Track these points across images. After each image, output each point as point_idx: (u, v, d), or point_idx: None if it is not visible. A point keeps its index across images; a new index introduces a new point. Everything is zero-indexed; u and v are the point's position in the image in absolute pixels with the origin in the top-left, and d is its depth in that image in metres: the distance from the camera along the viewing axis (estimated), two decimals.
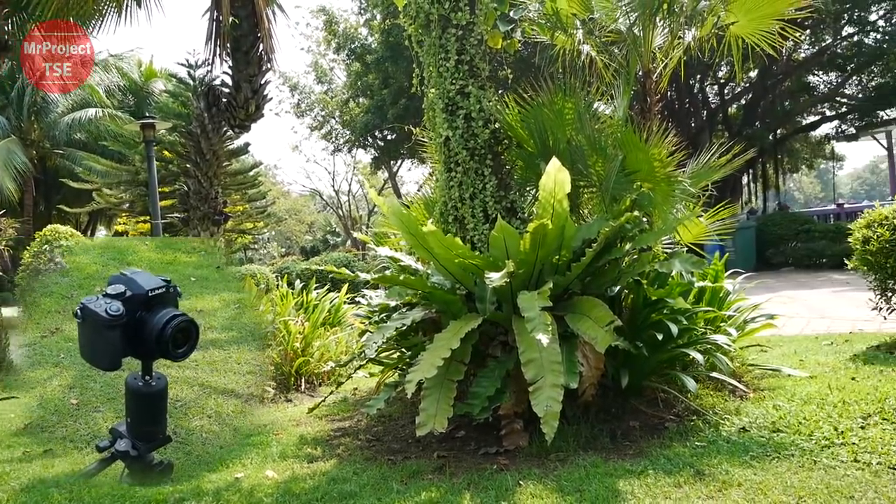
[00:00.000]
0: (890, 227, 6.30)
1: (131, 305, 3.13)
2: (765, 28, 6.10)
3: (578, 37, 5.98)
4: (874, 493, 3.30)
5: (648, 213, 5.12)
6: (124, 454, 3.38)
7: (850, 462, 3.71)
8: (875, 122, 24.12)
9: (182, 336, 3.22)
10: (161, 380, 3.41)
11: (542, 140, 5.28)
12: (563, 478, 3.71)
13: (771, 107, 23.93)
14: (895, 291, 6.55)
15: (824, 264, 16.75)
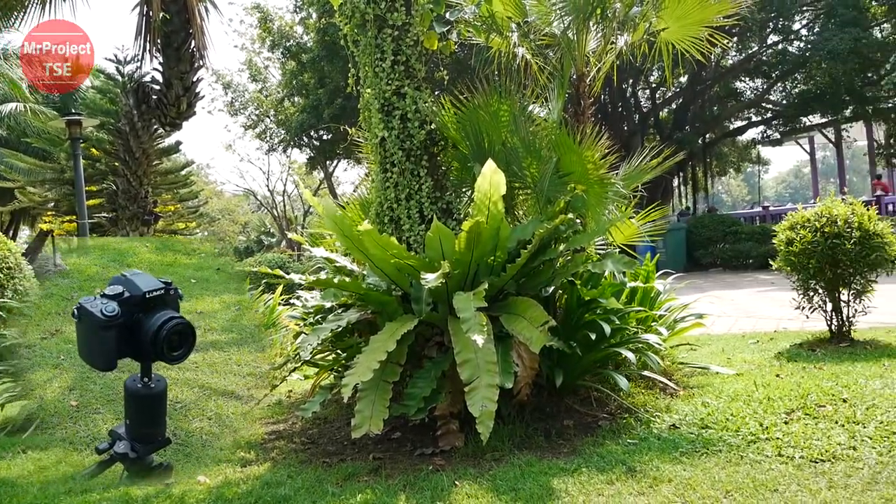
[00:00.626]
0: (812, 230, 6.53)
1: (128, 307, 3.12)
2: (694, 35, 6.26)
3: (514, 39, 6.03)
4: (797, 485, 3.41)
5: (582, 215, 5.19)
6: (123, 456, 3.36)
7: (775, 456, 3.83)
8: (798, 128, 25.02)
9: (178, 339, 3.20)
10: (160, 382, 3.38)
11: (478, 142, 5.30)
12: (499, 477, 3.73)
13: (700, 111, 24.56)
14: (817, 291, 6.79)
15: (750, 265, 17.26)
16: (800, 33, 22.49)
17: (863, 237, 6.35)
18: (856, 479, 3.44)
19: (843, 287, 6.66)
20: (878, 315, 7.49)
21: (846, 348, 6.46)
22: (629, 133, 22.61)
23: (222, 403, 5.20)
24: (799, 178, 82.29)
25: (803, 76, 21.94)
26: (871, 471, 3.53)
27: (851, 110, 21.16)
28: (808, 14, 22.52)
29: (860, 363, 5.74)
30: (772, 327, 8.58)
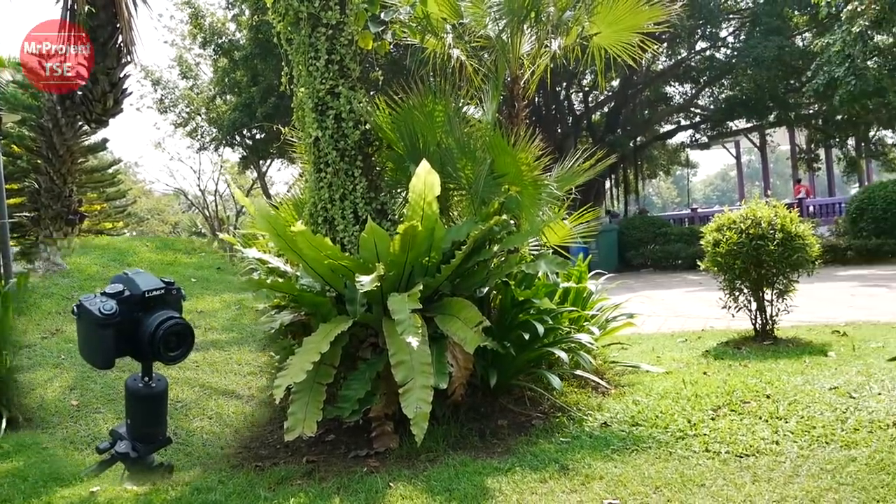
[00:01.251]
0: (737, 231, 6.72)
1: (128, 305, 3.10)
2: (625, 40, 6.37)
3: (449, 41, 6.04)
4: (723, 480, 3.51)
5: (516, 216, 5.24)
6: (124, 456, 3.35)
7: (702, 452, 3.93)
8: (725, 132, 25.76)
9: (176, 339, 3.17)
10: (161, 381, 3.36)
11: (413, 142, 5.30)
12: (433, 478, 3.74)
13: (632, 115, 25.06)
14: (742, 291, 6.99)
15: (680, 265, 17.68)
16: (727, 41, 23.16)
17: (785, 238, 6.56)
18: (778, 473, 3.55)
19: (766, 287, 6.88)
20: (800, 314, 7.76)
21: (770, 346, 6.67)
22: (563, 135, 22.91)
23: (223, 403, 5.15)
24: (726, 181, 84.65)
25: (730, 82, 22.61)
26: (793, 464, 3.66)
27: (775, 116, 21.90)
28: (734, 22, 23.22)
29: (783, 360, 5.93)
30: (700, 326, 8.81)
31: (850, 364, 5.54)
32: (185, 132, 32.60)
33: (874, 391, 4.72)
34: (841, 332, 7.18)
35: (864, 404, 4.46)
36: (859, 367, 5.38)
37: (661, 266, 18.46)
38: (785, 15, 20.08)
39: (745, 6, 22.57)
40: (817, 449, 3.83)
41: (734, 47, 22.19)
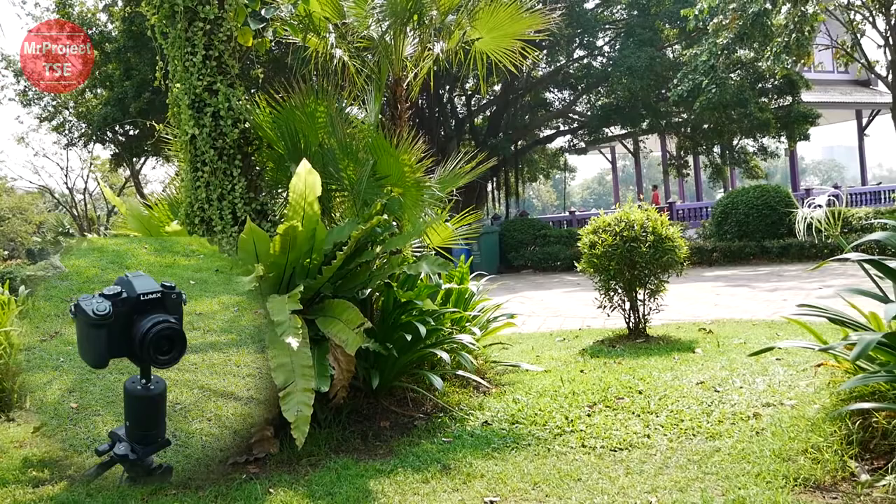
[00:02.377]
0: (612, 234, 6.97)
1: (123, 307, 3.10)
2: (506, 46, 6.50)
3: (331, 41, 5.98)
4: (598, 474, 3.63)
5: (399, 218, 5.24)
6: (123, 458, 3.34)
7: (579, 447, 4.05)
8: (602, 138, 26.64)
9: (167, 343, 3.14)
10: (160, 383, 3.32)
11: (294, 142, 5.22)
12: (314, 482, 3.69)
13: (513, 119, 25.54)
14: (616, 291, 7.26)
15: (559, 266, 18.16)
16: (603, 50, 23.98)
17: (656, 241, 6.86)
18: (649, 465, 3.71)
19: (639, 287, 7.16)
20: (670, 312, 8.13)
21: (642, 344, 6.95)
22: (445, 138, 23.12)
23: (222, 405, 5.00)
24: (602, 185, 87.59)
25: (606, 90, 23.39)
26: (663, 456, 3.82)
27: (648, 123, 22.84)
28: (610, 32, 24.07)
29: (654, 357, 6.20)
30: (577, 325, 9.08)
31: (715, 360, 5.85)
32: (51, 127, 30.82)
33: (736, 385, 5.00)
34: (707, 329, 7.57)
35: (728, 397, 4.72)
36: (723, 363, 5.69)
37: (541, 267, 18.91)
38: (656, 27, 20.99)
39: (620, 17, 23.43)
40: (685, 441, 4.02)
41: (610, 56, 23.00)
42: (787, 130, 20.73)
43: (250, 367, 5.51)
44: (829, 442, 3.63)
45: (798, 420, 4.04)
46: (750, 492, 3.24)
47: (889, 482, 3.21)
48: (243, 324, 6.79)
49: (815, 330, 4.51)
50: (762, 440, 3.88)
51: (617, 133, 26.47)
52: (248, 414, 4.53)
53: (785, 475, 3.39)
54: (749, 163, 23.19)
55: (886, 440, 3.51)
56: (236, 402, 4.88)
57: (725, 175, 25.66)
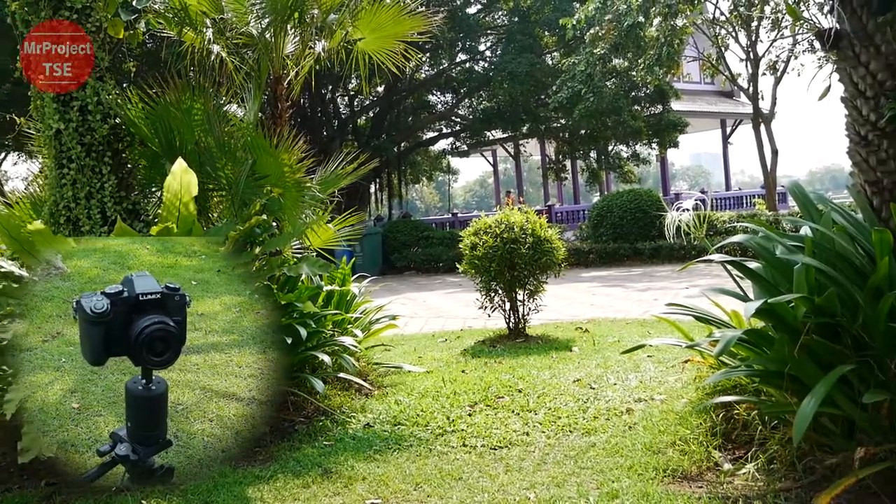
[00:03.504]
0: (493, 235, 7.09)
1: (122, 306, 3.09)
2: (389, 47, 6.50)
3: (209, 36, 5.80)
4: (479, 472, 3.68)
5: (279, 218, 5.15)
6: (124, 458, 3.31)
7: (460, 447, 4.09)
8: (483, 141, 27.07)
9: (161, 344, 3.11)
10: (161, 384, 3.31)
11: (168, 140, 5.03)
12: (190, 491, 3.58)
13: (396, 121, 25.57)
14: (497, 292, 7.39)
15: (441, 268, 18.29)
16: (485, 54, 24.38)
17: (535, 243, 7.03)
18: (528, 462, 3.79)
19: (519, 288, 7.31)
20: (548, 312, 8.34)
21: (522, 343, 7.10)
22: (328, 138, 22.88)
23: (223, 405, 4.76)
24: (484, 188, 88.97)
25: (487, 94, 23.79)
26: (542, 453, 3.92)
27: (528, 128, 23.39)
28: (491, 37, 24.50)
29: (533, 356, 6.34)
30: (459, 326, 9.17)
31: (591, 358, 6.04)
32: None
33: (611, 381, 5.19)
34: (583, 328, 7.81)
35: (603, 394, 4.88)
36: (598, 361, 5.88)
37: (423, 269, 19.01)
38: (536, 34, 21.52)
39: (501, 23, 23.89)
40: (562, 437, 4.14)
41: (491, 61, 23.41)
42: (658, 137, 21.71)
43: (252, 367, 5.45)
44: (696, 434, 3.81)
45: (667, 414, 4.23)
46: (623, 484, 3.36)
47: (749, 470, 3.41)
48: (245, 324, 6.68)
49: (682, 328, 4.73)
50: (634, 434, 4.04)
51: (498, 136, 26.96)
52: (249, 415, 4.47)
53: (655, 467, 3.54)
54: (623, 168, 24.14)
55: (747, 431, 3.73)
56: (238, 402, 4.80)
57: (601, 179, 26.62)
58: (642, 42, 16.28)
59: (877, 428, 3.12)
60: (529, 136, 25.04)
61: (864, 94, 3.93)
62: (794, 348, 3.13)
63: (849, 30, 4.01)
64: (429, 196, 74.04)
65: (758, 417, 3.68)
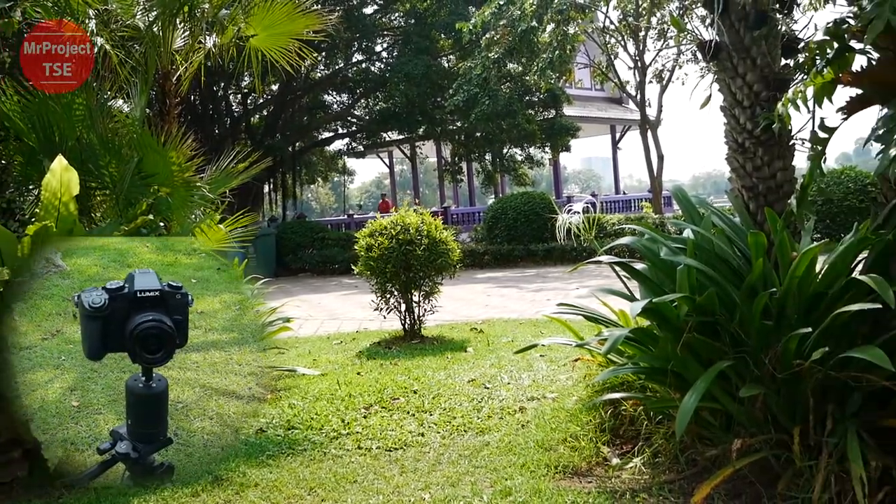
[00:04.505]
0: (388, 237, 7.08)
1: (120, 302, 3.08)
2: (283, 45, 6.38)
3: (91, 27, 5.55)
4: (374, 475, 3.66)
5: (167, 218, 4.98)
6: (125, 456, 3.30)
7: (355, 449, 4.07)
8: (380, 142, 27.02)
9: (155, 341, 3.09)
10: (161, 381, 3.31)
11: (47, 135, 4.79)
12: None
13: (291, 120, 25.18)
14: (393, 293, 7.38)
15: (336, 269, 18.12)
16: (381, 55, 24.33)
17: (431, 244, 7.06)
18: (423, 463, 3.80)
19: (414, 289, 7.33)
20: (444, 314, 8.40)
21: (417, 344, 7.12)
22: (220, 137, 22.30)
23: (223, 403, 4.73)
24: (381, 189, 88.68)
25: (384, 95, 23.74)
26: (437, 453, 3.94)
27: (424, 129, 23.49)
28: (388, 38, 24.46)
29: (429, 357, 6.37)
30: (354, 328, 9.11)
31: (486, 358, 6.12)
32: None
33: (504, 381, 5.27)
34: (478, 329, 7.90)
35: (496, 393, 4.95)
36: (493, 360, 5.96)
37: (318, 270, 18.78)
38: (433, 37, 21.64)
39: (398, 24, 23.90)
40: (457, 437, 4.17)
41: (388, 62, 23.37)
42: (551, 141, 22.20)
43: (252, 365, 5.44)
44: (586, 430, 3.92)
45: (559, 412, 4.33)
46: (516, 482, 3.42)
47: (636, 464, 3.53)
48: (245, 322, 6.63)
49: (573, 327, 4.86)
50: (527, 432, 4.12)
51: (395, 138, 26.95)
52: (250, 413, 4.48)
53: (547, 464, 3.62)
54: (518, 171, 24.55)
55: (634, 426, 3.86)
56: (238, 400, 4.83)
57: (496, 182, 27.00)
58: (536, 47, 16.63)
59: (752, 420, 3.29)
60: (426, 137, 25.16)
61: (742, 103, 4.14)
62: (677, 346, 3.27)
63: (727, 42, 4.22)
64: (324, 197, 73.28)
65: (644, 413, 3.81)
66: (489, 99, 17.79)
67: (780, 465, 3.15)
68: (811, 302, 3.21)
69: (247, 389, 5.50)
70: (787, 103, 3.28)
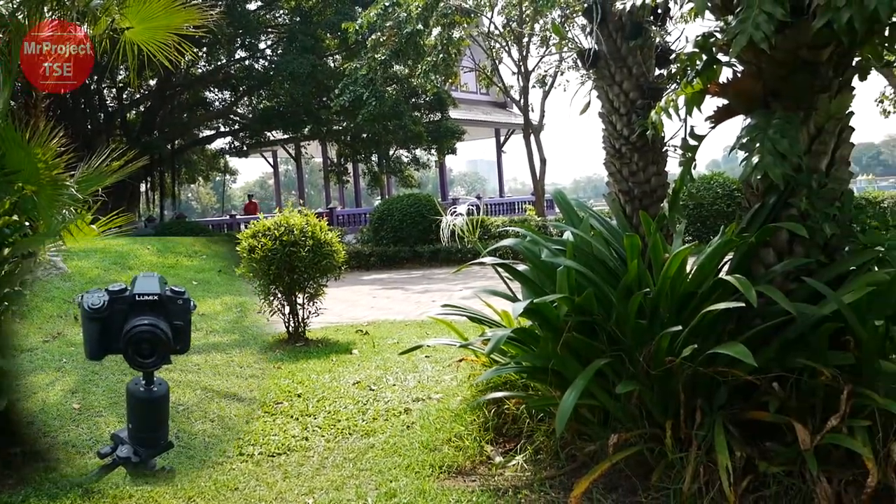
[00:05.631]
0: (272, 238, 6.95)
1: (120, 304, 3.04)
2: (161, 39, 6.13)
3: None
4: (256, 481, 3.59)
5: (33, 218, 4.70)
6: (126, 461, 3.18)
7: (236, 456, 3.97)
8: (263, 141, 26.45)
9: (147, 345, 3.02)
10: (162, 385, 3.19)
11: None
12: None
13: (170, 117, 24.34)
14: (276, 296, 7.24)
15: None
16: (265, 53, 23.84)
17: (315, 245, 6.97)
18: (307, 467, 3.75)
19: (299, 291, 7.22)
20: (329, 315, 8.31)
21: (302, 347, 7.01)
22: (93, 132, 21.27)
23: (224, 405, 4.91)
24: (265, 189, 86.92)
25: (268, 93, 23.28)
26: (321, 457, 3.89)
27: (309, 129, 23.18)
28: (272, 36, 24.01)
29: (313, 360, 6.29)
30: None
31: (371, 360, 6.10)
32: None
33: (390, 383, 5.26)
34: (364, 330, 7.86)
35: (382, 395, 4.94)
36: (378, 362, 5.95)
37: None
38: (318, 36, 21.38)
39: (283, 22, 23.48)
40: (342, 440, 4.14)
41: (272, 60, 22.92)
42: (438, 144, 22.37)
43: (253, 367, 5.59)
44: (470, 430, 3.97)
45: (443, 412, 4.36)
46: (400, 483, 3.42)
47: (518, 461, 3.60)
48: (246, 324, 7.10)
49: (457, 328, 4.91)
50: (412, 433, 4.13)
51: (279, 137, 26.49)
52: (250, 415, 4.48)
53: (431, 464, 3.64)
54: (404, 172, 24.61)
55: (516, 424, 3.94)
56: (239, 402, 4.91)
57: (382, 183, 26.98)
58: (421, 50, 16.71)
59: (628, 416, 3.42)
60: (311, 137, 24.85)
61: (619, 110, 4.29)
62: (557, 345, 3.36)
63: (606, 51, 4.37)
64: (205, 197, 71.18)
65: (526, 411, 3.90)
66: (375, 100, 17.74)
67: (654, 457, 3.29)
68: (682, 301, 3.37)
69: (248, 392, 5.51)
70: (659, 111, 3.43)
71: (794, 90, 3.33)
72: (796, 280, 3.37)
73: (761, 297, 3.12)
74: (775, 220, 3.42)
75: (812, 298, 3.23)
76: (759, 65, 3.33)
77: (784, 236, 3.41)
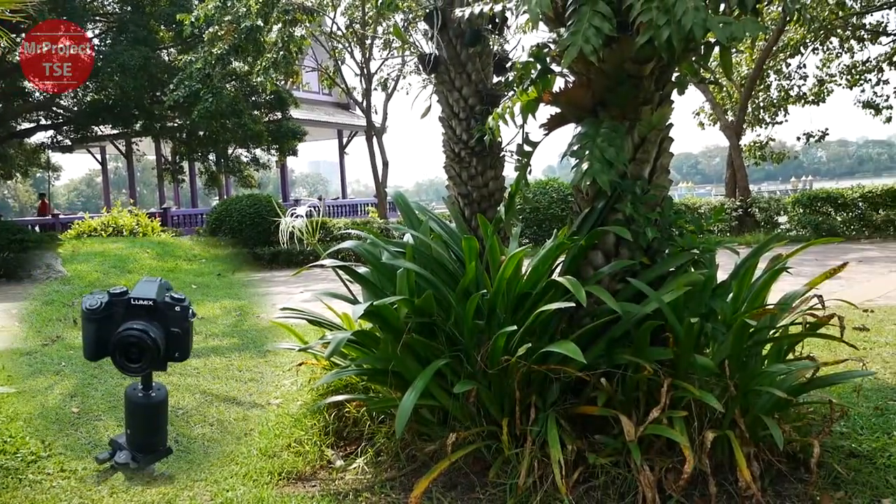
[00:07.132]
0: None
1: (117, 307, 3.02)
2: None
3: None
4: (79, 498, 3.38)
5: None
6: (124, 466, 3.13)
7: (57, 473, 3.72)
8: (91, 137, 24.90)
9: (135, 350, 2.98)
10: (161, 390, 3.19)
11: None
12: None
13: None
14: None
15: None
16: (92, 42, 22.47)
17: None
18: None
19: None
20: None
21: None
22: None
23: (224, 409, 4.78)
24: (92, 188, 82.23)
25: (96, 85, 21.92)
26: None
27: (141, 125, 22.02)
28: (101, 25, 22.66)
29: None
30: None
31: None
32: None
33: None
34: None
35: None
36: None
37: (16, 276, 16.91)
38: (152, 27, 20.40)
39: (113, 11, 22.22)
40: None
41: (100, 51, 21.62)
42: (279, 144, 21.92)
43: (252, 371, 5.60)
44: (310, 435, 3.92)
45: (283, 418, 4.28)
46: (237, 492, 3.33)
47: (359, 464, 3.60)
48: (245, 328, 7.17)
49: (297, 331, 4.83)
50: (250, 441, 4.03)
51: (108, 133, 25.06)
52: (250, 419, 4.47)
53: (270, 471, 3.56)
54: (243, 172, 23.93)
55: (357, 427, 3.93)
56: (238, 406, 4.82)
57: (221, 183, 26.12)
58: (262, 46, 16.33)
59: (466, 415, 3.50)
60: (143, 134, 23.63)
61: (458, 115, 4.38)
62: (397, 347, 3.38)
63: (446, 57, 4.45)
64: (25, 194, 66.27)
65: (367, 414, 3.90)
66: (213, 96, 17.15)
67: (492, 454, 3.38)
68: (517, 301, 3.48)
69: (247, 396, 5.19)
70: (497, 118, 3.53)
71: (620, 101, 3.53)
72: (622, 281, 3.57)
73: (591, 297, 3.28)
74: (603, 224, 3.61)
75: (636, 298, 3.44)
76: (588, 76, 3.51)
77: (611, 239, 3.61)
